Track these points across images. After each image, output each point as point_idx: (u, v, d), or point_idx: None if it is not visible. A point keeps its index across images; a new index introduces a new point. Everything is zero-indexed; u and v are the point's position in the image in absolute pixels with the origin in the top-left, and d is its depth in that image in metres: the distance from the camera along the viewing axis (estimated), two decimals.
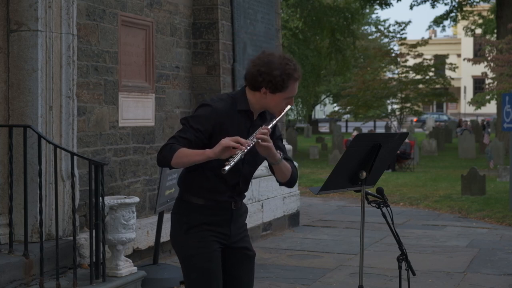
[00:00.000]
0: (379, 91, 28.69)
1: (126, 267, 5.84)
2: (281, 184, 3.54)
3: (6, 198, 5.63)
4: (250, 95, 3.42)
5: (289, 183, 3.53)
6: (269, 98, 3.38)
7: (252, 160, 3.44)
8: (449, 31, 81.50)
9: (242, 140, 3.20)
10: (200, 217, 3.44)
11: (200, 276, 3.44)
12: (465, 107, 51.97)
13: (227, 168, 3.16)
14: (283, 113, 3.42)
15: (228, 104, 3.40)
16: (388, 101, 32.00)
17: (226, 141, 3.19)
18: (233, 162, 3.17)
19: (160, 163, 3.36)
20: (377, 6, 33.74)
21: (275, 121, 3.39)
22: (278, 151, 3.37)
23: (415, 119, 45.72)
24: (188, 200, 3.47)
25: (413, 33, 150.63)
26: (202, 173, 3.41)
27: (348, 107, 31.33)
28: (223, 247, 3.51)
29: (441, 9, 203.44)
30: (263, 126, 3.32)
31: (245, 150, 3.19)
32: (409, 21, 37.11)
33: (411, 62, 29.88)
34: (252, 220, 8.45)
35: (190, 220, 3.45)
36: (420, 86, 30.05)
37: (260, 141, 3.23)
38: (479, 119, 43.30)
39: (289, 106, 3.44)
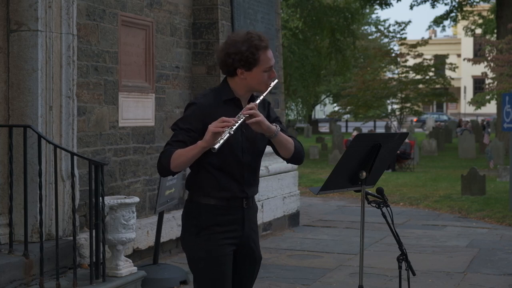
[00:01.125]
0: (379, 91, 28.68)
1: (126, 267, 5.84)
2: (288, 161, 3.47)
3: (6, 198, 5.63)
4: (231, 83, 3.40)
5: (296, 158, 3.46)
6: (249, 77, 3.35)
7: (250, 147, 3.39)
8: (449, 31, 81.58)
9: (228, 118, 3.18)
10: (211, 218, 3.35)
11: (211, 280, 3.36)
12: (465, 107, 51.97)
13: (216, 146, 3.13)
14: (270, 88, 3.39)
15: (212, 97, 3.38)
16: (388, 101, 31.99)
17: (213, 125, 3.17)
18: (222, 140, 3.14)
19: (161, 172, 3.33)
20: (377, 6, 33.74)
21: (262, 97, 3.37)
22: (274, 124, 3.33)
23: (415, 119, 45.71)
24: (198, 200, 3.39)
25: (413, 33, 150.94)
26: (207, 172, 3.35)
27: (348, 107, 31.31)
28: (235, 248, 3.42)
29: (441, 9, 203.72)
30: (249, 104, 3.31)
31: (233, 127, 3.16)
32: (409, 21, 37.16)
33: (411, 62, 29.86)
34: None
35: (200, 222, 3.36)
36: (420, 86, 30.03)
37: (248, 116, 3.20)
38: (479, 119, 43.29)
39: (276, 81, 3.41)
